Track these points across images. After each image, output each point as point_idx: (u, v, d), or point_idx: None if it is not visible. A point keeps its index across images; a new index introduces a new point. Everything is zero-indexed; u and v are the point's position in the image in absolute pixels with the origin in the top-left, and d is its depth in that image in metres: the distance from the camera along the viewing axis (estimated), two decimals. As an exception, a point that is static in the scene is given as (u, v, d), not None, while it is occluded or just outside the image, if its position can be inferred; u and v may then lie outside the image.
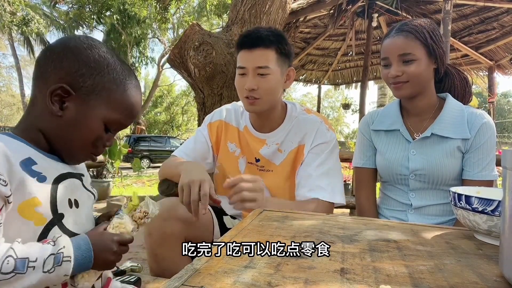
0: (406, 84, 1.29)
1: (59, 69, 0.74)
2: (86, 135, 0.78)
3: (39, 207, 0.69)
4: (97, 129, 0.78)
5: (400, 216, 1.40)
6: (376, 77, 6.85)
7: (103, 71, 0.76)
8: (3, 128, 19.02)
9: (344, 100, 15.67)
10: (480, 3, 4.17)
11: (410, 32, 1.27)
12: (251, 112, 1.39)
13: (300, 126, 1.40)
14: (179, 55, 3.01)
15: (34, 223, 0.68)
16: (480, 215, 0.82)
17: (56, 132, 0.77)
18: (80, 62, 0.75)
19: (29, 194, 0.68)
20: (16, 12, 14.60)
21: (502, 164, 0.65)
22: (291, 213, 1.12)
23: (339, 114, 37.07)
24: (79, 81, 0.74)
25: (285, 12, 3.42)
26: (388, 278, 0.60)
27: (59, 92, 0.73)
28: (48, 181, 0.73)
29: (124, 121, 0.82)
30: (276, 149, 1.40)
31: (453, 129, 1.29)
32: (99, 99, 0.76)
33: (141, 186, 8.47)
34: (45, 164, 0.74)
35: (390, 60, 1.30)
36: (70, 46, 0.76)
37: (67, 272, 0.65)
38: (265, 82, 1.30)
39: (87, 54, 0.75)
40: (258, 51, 1.29)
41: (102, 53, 0.77)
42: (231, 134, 1.48)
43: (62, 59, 0.74)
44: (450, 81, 1.40)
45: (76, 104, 0.75)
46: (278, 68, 1.32)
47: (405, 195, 1.39)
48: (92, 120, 0.77)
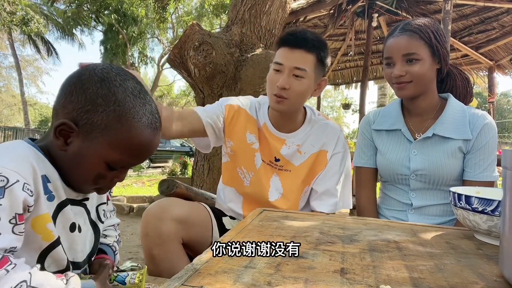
0: (409, 84, 1.28)
1: (68, 103, 0.73)
2: (86, 171, 0.75)
3: (50, 223, 0.71)
4: (97, 167, 0.74)
5: (400, 216, 1.40)
6: (376, 77, 6.84)
7: (108, 108, 0.71)
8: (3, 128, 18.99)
9: (344, 100, 15.66)
10: (480, 3, 4.17)
11: (414, 31, 1.26)
12: (276, 110, 1.36)
13: (322, 131, 1.43)
14: (179, 55, 3.00)
15: (41, 237, 0.69)
16: (480, 215, 0.82)
17: (61, 162, 0.76)
18: (87, 98, 0.72)
19: (43, 209, 0.69)
20: (15, 12, 14.59)
21: (502, 164, 0.65)
22: (291, 213, 1.12)
23: (339, 114, 37.07)
24: (83, 118, 0.72)
25: (285, 12, 3.42)
26: (388, 278, 0.60)
27: (63, 128, 0.72)
28: (55, 202, 0.74)
29: (130, 161, 0.77)
30: (296, 150, 1.41)
31: (454, 130, 1.29)
32: (101, 137, 0.72)
33: (141, 186, 8.46)
34: (58, 184, 0.75)
35: (393, 59, 1.29)
36: (82, 79, 0.73)
37: None
38: (298, 85, 1.29)
39: (96, 88, 0.72)
40: (300, 52, 1.28)
41: (113, 88, 0.73)
42: (251, 125, 1.43)
43: (72, 92, 0.73)
44: (452, 82, 1.40)
45: (79, 140, 0.73)
46: (314, 74, 1.31)
47: (406, 195, 1.38)
48: (92, 158, 0.74)
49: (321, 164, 1.41)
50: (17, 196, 0.62)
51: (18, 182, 0.62)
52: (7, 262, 0.58)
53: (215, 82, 2.99)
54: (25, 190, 0.63)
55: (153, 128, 0.76)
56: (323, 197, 1.40)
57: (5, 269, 0.57)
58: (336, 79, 7.27)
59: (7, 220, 0.60)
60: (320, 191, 1.40)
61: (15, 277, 0.58)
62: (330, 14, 4.55)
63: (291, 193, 1.41)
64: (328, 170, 1.41)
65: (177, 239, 1.26)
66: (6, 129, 18.72)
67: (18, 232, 0.62)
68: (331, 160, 1.41)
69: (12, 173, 0.62)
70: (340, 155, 1.42)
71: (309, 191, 1.44)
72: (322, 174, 1.41)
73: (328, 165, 1.41)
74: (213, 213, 1.44)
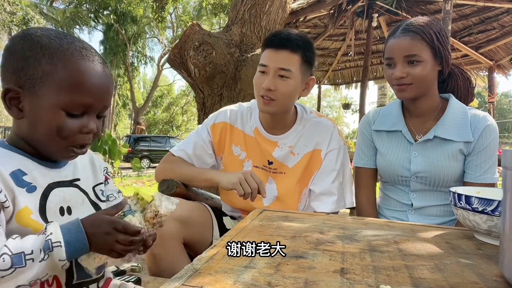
0: (410, 86, 1.27)
1: (5, 72, 0.73)
2: (48, 128, 0.72)
3: (33, 214, 0.71)
4: (55, 119, 0.72)
5: (400, 216, 1.39)
6: (376, 77, 6.84)
7: (38, 56, 0.71)
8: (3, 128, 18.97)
9: (344, 100, 15.68)
10: (480, 3, 4.16)
11: (416, 32, 1.24)
12: (264, 112, 1.36)
13: (314, 130, 1.41)
14: (179, 55, 3.00)
15: (32, 230, 0.69)
16: (480, 215, 0.82)
17: (28, 134, 0.74)
18: (16, 57, 0.72)
19: (22, 203, 0.69)
20: (16, 12, 14.59)
21: (502, 164, 0.65)
22: (291, 213, 1.12)
23: (338, 114, 37.07)
24: (22, 77, 0.71)
25: (285, 12, 3.42)
26: (388, 278, 0.60)
27: (10, 95, 0.72)
28: (38, 191, 0.73)
29: (84, 100, 0.73)
30: (289, 151, 1.40)
31: (456, 132, 1.28)
32: (44, 86, 0.71)
33: (141, 186, 8.47)
34: (36, 173, 0.74)
35: (394, 60, 1.28)
36: (8, 46, 0.74)
37: (61, 257, 0.64)
38: (284, 85, 1.29)
39: (21, 45, 0.72)
40: (284, 52, 1.28)
41: (36, 37, 0.72)
42: (236, 137, 1.46)
43: (5, 62, 0.73)
44: (454, 82, 1.39)
45: (28, 100, 0.72)
46: (300, 74, 1.31)
47: (406, 196, 1.38)
48: (47, 111, 0.71)
49: (316, 163, 1.40)
50: None
51: None
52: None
53: (215, 82, 2.99)
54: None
55: (90, 60, 0.74)
56: (321, 197, 1.39)
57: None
58: (336, 79, 7.26)
59: None
60: (318, 191, 1.39)
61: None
62: (330, 14, 4.55)
63: (286, 195, 1.40)
64: (323, 169, 1.39)
65: (178, 238, 1.26)
66: (6, 129, 18.71)
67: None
68: (326, 159, 1.39)
69: None
70: (335, 152, 1.40)
71: (307, 193, 1.43)
72: (318, 173, 1.40)
73: (323, 164, 1.39)
74: (213, 213, 1.44)
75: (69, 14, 14.70)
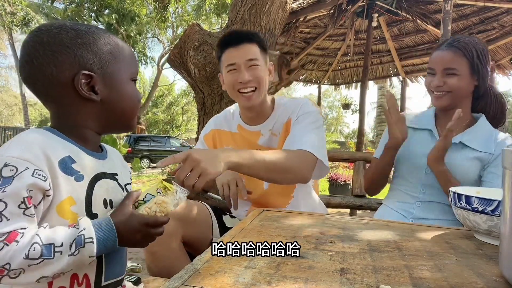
0: (447, 94, 1.36)
1: (61, 63, 0.72)
2: (130, 99, 0.80)
3: (75, 206, 0.70)
4: (132, 88, 0.81)
5: (406, 207, 1.43)
6: (376, 77, 6.84)
7: (90, 40, 0.75)
8: (3, 128, 19.00)
9: (344, 100, 15.69)
10: (480, 3, 4.16)
11: (459, 48, 1.34)
12: (250, 105, 1.39)
13: (287, 107, 1.47)
14: (179, 55, 3.00)
15: (69, 222, 0.69)
16: (480, 215, 0.82)
17: (106, 115, 0.78)
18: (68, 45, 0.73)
19: (66, 193, 0.69)
20: (16, 13, 14.59)
21: (502, 164, 0.65)
22: (291, 213, 1.12)
23: (338, 114, 37.03)
24: (85, 62, 0.74)
25: (285, 12, 3.42)
26: (388, 278, 0.60)
27: (83, 81, 0.73)
28: (86, 180, 0.73)
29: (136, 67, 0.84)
30: (270, 134, 1.45)
31: (480, 143, 1.35)
32: (112, 65, 0.77)
33: (141, 186, 8.47)
34: (85, 162, 0.74)
35: (435, 70, 1.38)
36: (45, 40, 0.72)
37: (91, 253, 0.66)
38: (257, 72, 1.36)
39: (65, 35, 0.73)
40: (245, 46, 1.36)
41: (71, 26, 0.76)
42: (225, 139, 1.53)
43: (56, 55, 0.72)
44: (485, 103, 1.45)
45: (102, 82, 0.76)
46: (263, 61, 1.40)
47: (415, 189, 1.42)
48: (124, 84, 0.79)
49: (289, 131, 1.41)
50: (23, 181, 0.62)
51: (27, 169, 0.63)
52: (17, 235, 0.60)
53: (215, 82, 2.99)
54: (35, 176, 0.64)
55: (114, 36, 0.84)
56: (286, 145, 1.34)
57: (15, 241, 0.60)
58: (336, 79, 7.26)
59: (16, 206, 0.61)
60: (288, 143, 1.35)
61: (26, 244, 0.60)
62: (330, 14, 4.55)
63: None
64: (292, 131, 1.38)
65: (177, 236, 1.27)
66: (6, 129, 18.73)
67: (30, 214, 0.63)
68: (295, 122, 1.39)
69: (21, 161, 0.63)
70: (302, 116, 1.39)
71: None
72: (288, 136, 1.38)
73: (292, 127, 1.39)
74: (213, 212, 1.44)
75: (70, 13, 14.67)
